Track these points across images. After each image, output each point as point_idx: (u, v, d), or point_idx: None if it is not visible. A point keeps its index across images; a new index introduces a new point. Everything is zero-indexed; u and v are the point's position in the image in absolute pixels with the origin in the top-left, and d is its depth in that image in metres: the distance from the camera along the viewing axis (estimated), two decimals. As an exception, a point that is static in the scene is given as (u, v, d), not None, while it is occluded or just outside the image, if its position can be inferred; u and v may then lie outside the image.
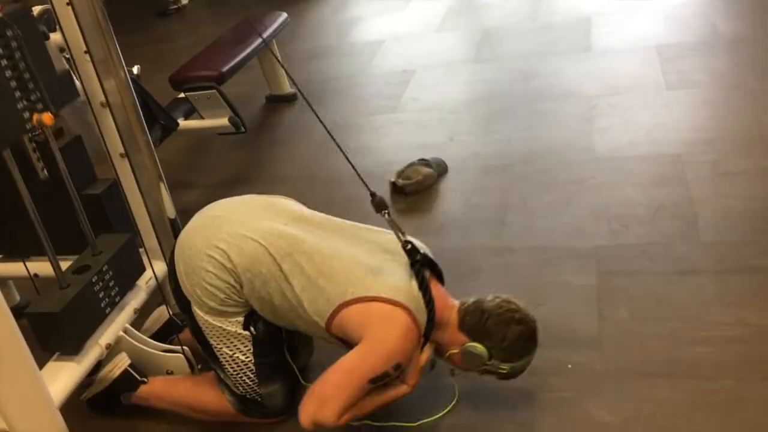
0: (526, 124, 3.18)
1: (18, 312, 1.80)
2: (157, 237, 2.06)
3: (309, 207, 1.91)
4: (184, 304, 1.75)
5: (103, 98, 1.86)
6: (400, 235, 1.71)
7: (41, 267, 1.95)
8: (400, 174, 2.86)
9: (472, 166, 2.95)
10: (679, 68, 3.38)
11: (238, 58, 3.29)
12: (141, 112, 1.92)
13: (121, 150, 1.93)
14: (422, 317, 1.65)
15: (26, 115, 1.63)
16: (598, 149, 2.88)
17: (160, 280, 2.04)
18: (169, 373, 1.97)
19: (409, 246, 1.70)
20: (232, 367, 1.75)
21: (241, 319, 1.71)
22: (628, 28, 3.96)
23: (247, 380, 1.76)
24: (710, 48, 3.52)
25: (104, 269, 1.83)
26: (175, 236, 1.92)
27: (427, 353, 1.71)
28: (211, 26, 5.37)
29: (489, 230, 2.54)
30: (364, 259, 1.68)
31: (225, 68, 3.15)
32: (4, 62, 1.57)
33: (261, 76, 3.94)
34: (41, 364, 1.65)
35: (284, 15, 3.84)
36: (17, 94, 1.60)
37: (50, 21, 2.12)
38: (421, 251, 1.73)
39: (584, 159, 2.83)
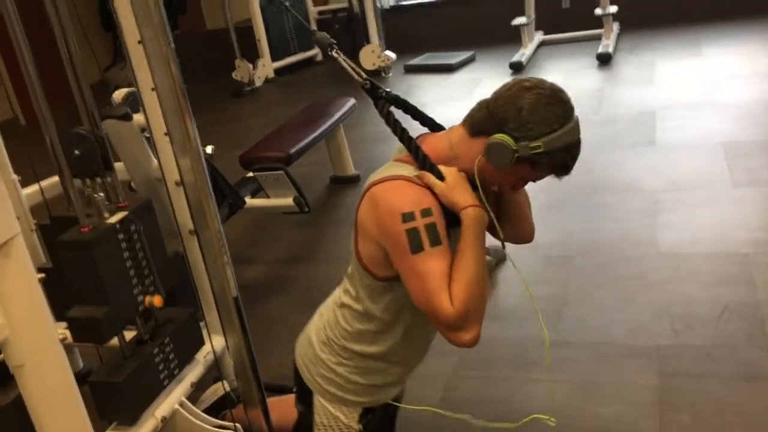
0: (587, 216, 3.17)
1: (81, 379, 1.86)
2: (218, 312, 2.10)
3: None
4: (305, 395, 1.76)
5: (177, 177, 1.95)
6: (357, 75, 1.60)
7: (106, 335, 2.02)
8: (459, 260, 2.87)
9: (530, 256, 2.94)
10: (746, 166, 3.33)
11: (306, 141, 3.41)
12: (212, 192, 2.00)
13: (191, 227, 2.00)
14: (403, 166, 1.50)
15: (140, 298, 1.79)
16: (660, 244, 2.84)
17: (218, 354, 2.08)
18: (220, 449, 1.98)
19: (368, 84, 1.60)
20: None
21: (360, 410, 1.70)
22: (694, 123, 3.95)
23: None
24: (779, 147, 3.48)
25: (166, 341, 1.88)
26: (237, 312, 1.96)
27: (447, 170, 1.46)
28: (282, 107, 5.60)
29: (547, 322, 2.50)
30: None
31: (293, 150, 3.26)
32: (126, 254, 1.75)
33: (327, 157, 4.06)
34: (98, 433, 1.69)
35: (352, 100, 3.98)
36: (134, 280, 1.78)
37: (135, 102, 2.25)
38: (385, 90, 1.61)
39: (646, 254, 2.79)
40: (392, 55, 6.10)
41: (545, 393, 2.15)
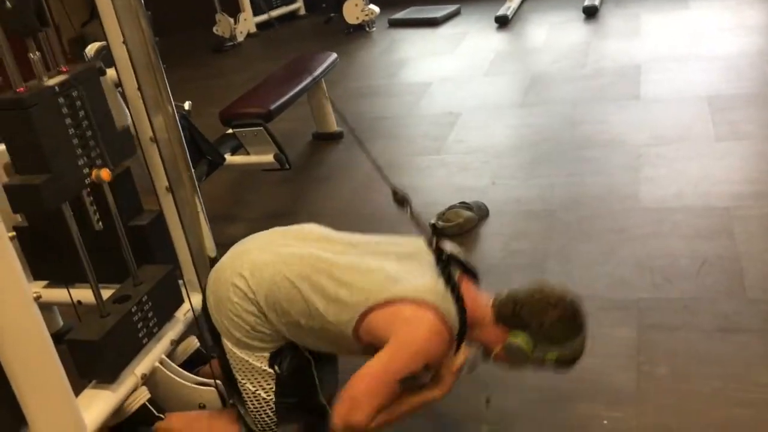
0: (571, 171, 3.16)
1: (61, 338, 1.85)
2: (196, 269, 2.09)
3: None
4: (214, 336, 1.77)
5: (151, 134, 1.92)
6: (424, 233, 1.68)
7: (84, 294, 2.00)
8: (441, 216, 2.86)
9: (513, 211, 2.94)
10: (730, 119, 3.32)
11: (287, 97, 3.35)
12: (187, 149, 1.97)
13: (166, 184, 1.98)
14: (452, 316, 1.61)
15: (86, 170, 1.71)
16: (643, 199, 2.83)
17: (197, 312, 2.07)
18: (202, 406, 1.98)
19: (434, 243, 1.68)
20: (253, 404, 1.75)
21: (267, 355, 1.71)
22: (679, 77, 3.92)
23: (266, 419, 1.76)
24: (764, 99, 3.46)
25: (144, 299, 1.87)
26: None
27: (463, 355, 1.65)
28: (263, 63, 5.50)
29: (528, 277, 2.48)
30: (387, 266, 1.67)
31: (273, 106, 3.21)
32: (69, 121, 1.66)
33: (309, 113, 4.01)
34: (78, 391, 1.69)
35: (334, 55, 3.91)
36: (79, 150, 1.69)
37: (107, 58, 2.20)
38: (448, 250, 1.71)
39: (628, 208, 2.79)
40: (376, 8, 5.99)
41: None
